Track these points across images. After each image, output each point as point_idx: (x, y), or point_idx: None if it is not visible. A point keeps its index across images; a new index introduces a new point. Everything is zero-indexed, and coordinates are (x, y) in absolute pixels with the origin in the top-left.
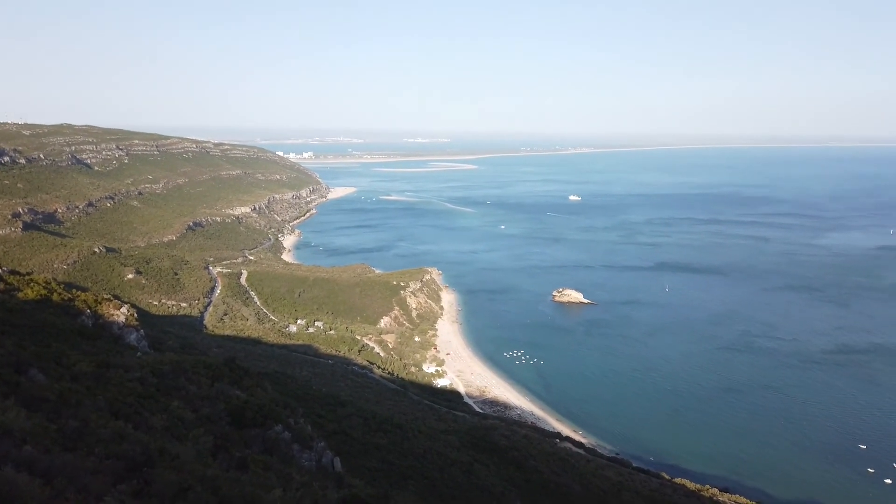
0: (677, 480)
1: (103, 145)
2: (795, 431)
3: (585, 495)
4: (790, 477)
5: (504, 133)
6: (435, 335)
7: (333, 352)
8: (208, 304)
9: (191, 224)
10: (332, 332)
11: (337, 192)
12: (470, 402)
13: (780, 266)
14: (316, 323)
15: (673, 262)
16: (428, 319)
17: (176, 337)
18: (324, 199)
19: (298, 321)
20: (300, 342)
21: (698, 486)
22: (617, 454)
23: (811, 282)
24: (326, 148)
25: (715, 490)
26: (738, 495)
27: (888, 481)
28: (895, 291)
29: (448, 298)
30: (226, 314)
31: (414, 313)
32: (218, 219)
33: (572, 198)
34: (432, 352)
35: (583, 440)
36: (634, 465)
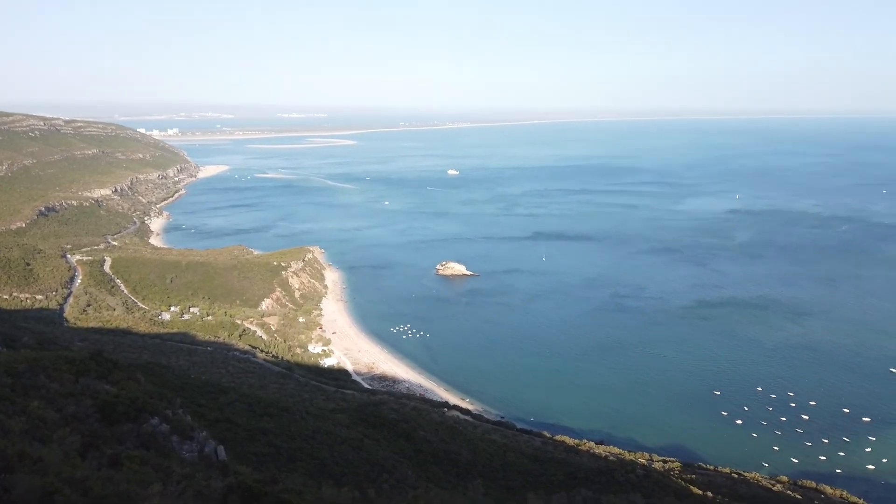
0: (558, 438)
1: None
2: (661, 383)
3: (474, 460)
4: (657, 425)
5: (382, 108)
6: (320, 315)
7: (212, 338)
8: (68, 296)
9: (42, 209)
10: (209, 317)
11: (208, 171)
12: (358, 379)
13: (645, 231)
14: (191, 309)
15: (549, 232)
16: (312, 299)
17: (32, 333)
18: (193, 179)
19: (172, 308)
20: (175, 330)
21: (576, 441)
22: (502, 418)
23: (672, 244)
24: (194, 124)
25: (591, 443)
26: (612, 446)
27: (739, 422)
28: (743, 250)
29: (332, 277)
30: (89, 305)
31: (297, 294)
32: (74, 202)
33: (451, 172)
34: (318, 331)
35: (470, 407)
36: (518, 427)
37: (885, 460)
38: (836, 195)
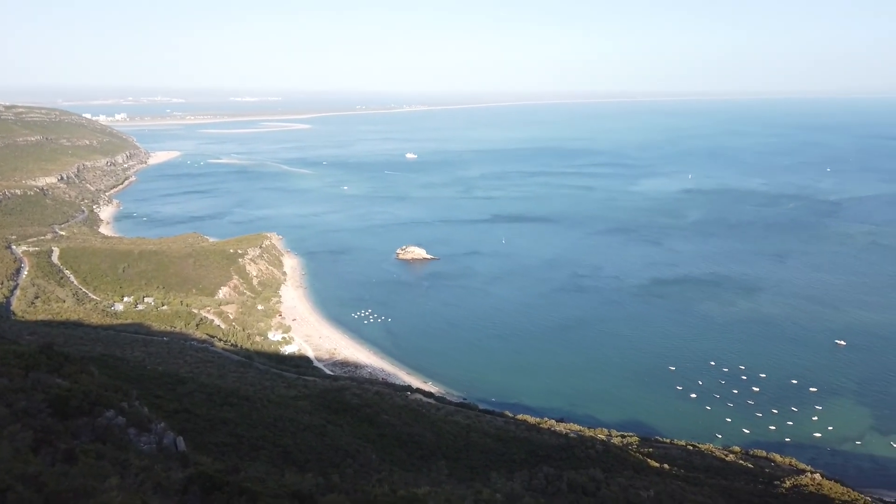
0: (519, 417)
1: None
2: (618, 360)
3: (437, 441)
4: (615, 401)
5: (338, 91)
6: (279, 302)
7: (168, 328)
8: (14, 288)
9: None
10: (164, 307)
11: (159, 157)
12: (320, 365)
13: (601, 212)
14: (146, 299)
15: (507, 214)
16: (270, 286)
17: None
18: (144, 165)
19: (125, 299)
20: (129, 321)
21: (538, 419)
22: (465, 399)
23: (628, 224)
24: (142, 109)
25: (552, 421)
26: (572, 423)
27: (693, 396)
28: (695, 229)
29: (291, 263)
30: (37, 297)
31: (255, 281)
32: (17, 191)
33: (409, 156)
34: (277, 319)
35: (433, 390)
36: (481, 407)
37: (830, 428)
38: (783, 174)
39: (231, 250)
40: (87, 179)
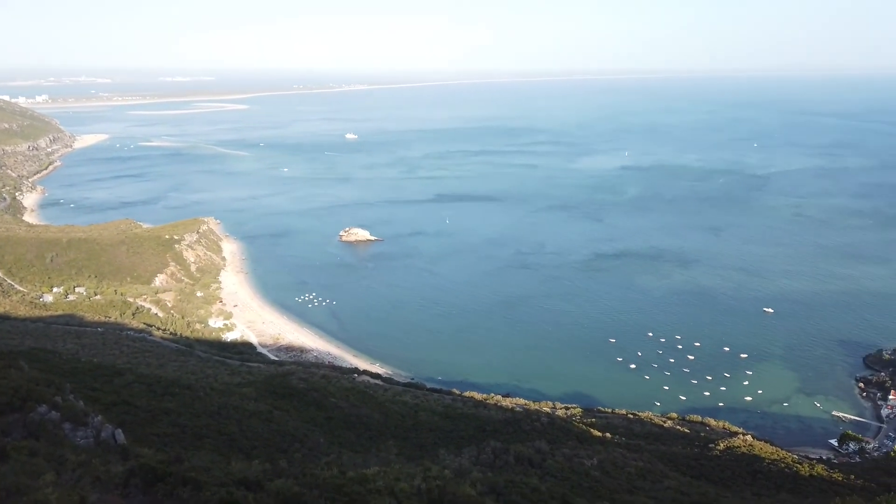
0: (467, 394)
1: None
2: (561, 335)
3: (385, 422)
4: (559, 375)
5: (273, 70)
6: (219, 288)
7: (102, 318)
8: None
9: None
10: (97, 297)
11: (85, 140)
12: (264, 351)
13: (543, 189)
14: (77, 289)
15: (451, 194)
16: (210, 272)
17: None
18: (69, 150)
19: (55, 289)
20: (60, 312)
21: (484, 395)
22: (412, 379)
23: (569, 201)
24: (65, 90)
25: (499, 397)
26: (518, 398)
27: (633, 366)
28: (633, 205)
29: (230, 248)
30: None
31: (193, 267)
32: None
33: (349, 136)
34: (218, 305)
35: (380, 371)
36: (429, 386)
37: (760, 391)
38: (714, 150)
39: (167, 236)
40: (7, 165)
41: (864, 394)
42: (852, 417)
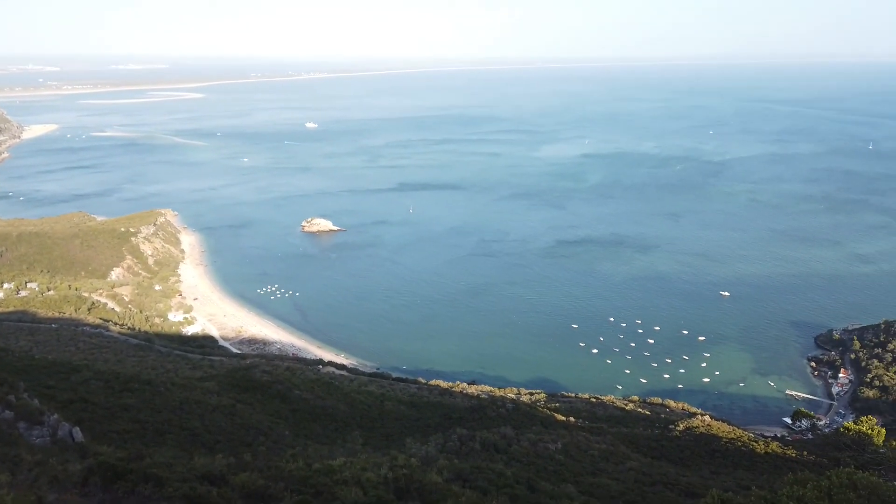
0: (432, 382)
1: None
2: (525, 322)
3: (351, 412)
4: (523, 361)
5: (230, 58)
6: (178, 281)
7: (57, 314)
8: None
9: None
10: (51, 292)
11: (34, 131)
12: (226, 344)
13: (506, 178)
14: (29, 285)
15: (414, 183)
16: (168, 265)
17: None
18: (17, 140)
19: (5, 285)
20: (11, 309)
21: (450, 383)
22: (378, 369)
23: (532, 189)
24: (11, 78)
25: (464, 384)
26: (483, 385)
27: (595, 351)
28: (595, 192)
29: (189, 240)
30: None
31: (151, 260)
32: None
33: (309, 125)
34: (177, 299)
35: (345, 362)
36: (394, 376)
37: (717, 373)
38: (672, 137)
39: (122, 229)
40: None
41: (816, 372)
42: (805, 396)
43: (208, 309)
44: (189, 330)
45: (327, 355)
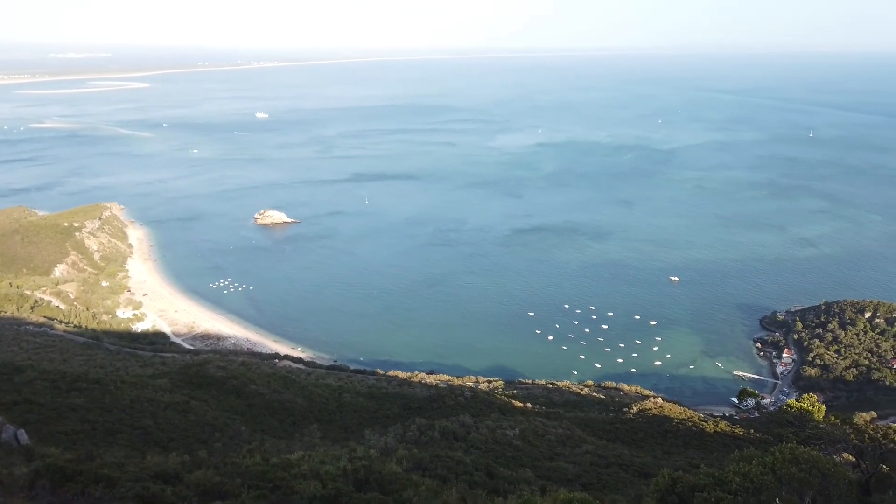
0: (391, 373)
1: None
2: (482, 310)
3: (309, 406)
4: (480, 349)
5: (176, 47)
6: (126, 276)
7: None
8: None
9: None
10: None
11: None
12: (178, 340)
13: (462, 167)
14: None
15: (369, 173)
16: (115, 261)
17: None
18: None
19: None
20: None
21: (408, 374)
22: (336, 362)
23: (487, 178)
24: None
25: (423, 374)
26: (441, 374)
27: (551, 338)
28: (549, 181)
29: (137, 234)
30: None
31: (97, 256)
32: None
33: (259, 115)
34: (126, 295)
35: (302, 355)
36: (352, 368)
37: (668, 356)
38: (622, 126)
39: (66, 224)
40: None
41: (761, 353)
42: (751, 375)
43: (159, 305)
44: (139, 326)
45: (283, 349)
